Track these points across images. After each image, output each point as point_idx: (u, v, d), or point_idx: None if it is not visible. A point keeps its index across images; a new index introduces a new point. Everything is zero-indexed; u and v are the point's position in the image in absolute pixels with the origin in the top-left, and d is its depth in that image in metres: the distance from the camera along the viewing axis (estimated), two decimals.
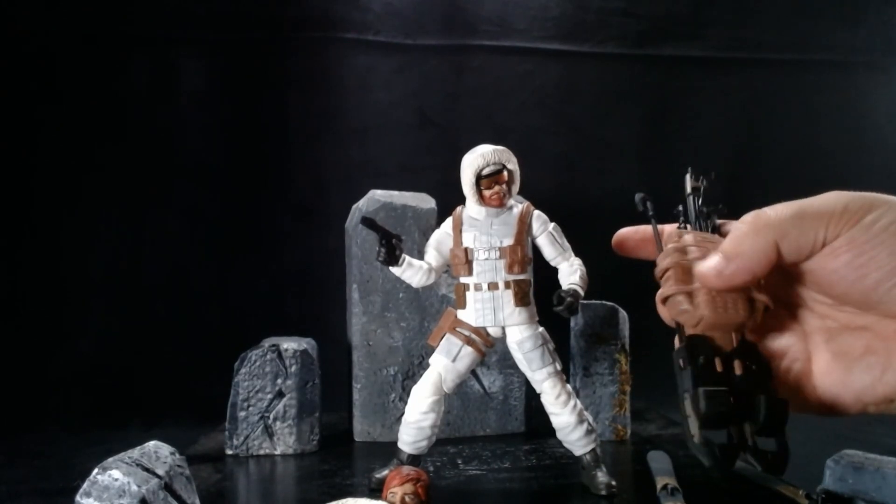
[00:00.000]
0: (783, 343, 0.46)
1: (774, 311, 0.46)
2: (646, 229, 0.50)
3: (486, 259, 0.97)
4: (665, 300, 0.45)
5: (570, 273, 0.98)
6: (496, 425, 1.31)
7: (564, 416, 0.98)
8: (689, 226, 0.49)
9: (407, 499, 0.80)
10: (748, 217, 0.43)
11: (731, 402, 0.40)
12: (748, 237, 0.42)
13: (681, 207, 0.50)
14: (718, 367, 0.42)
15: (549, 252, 0.99)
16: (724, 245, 0.43)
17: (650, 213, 0.50)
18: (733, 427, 0.41)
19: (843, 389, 0.43)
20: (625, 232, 0.51)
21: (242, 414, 1.17)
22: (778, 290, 0.45)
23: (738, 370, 0.42)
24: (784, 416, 0.41)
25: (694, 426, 0.41)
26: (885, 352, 0.42)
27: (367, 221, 0.94)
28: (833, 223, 0.40)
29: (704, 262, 0.43)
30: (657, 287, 0.47)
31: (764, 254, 0.42)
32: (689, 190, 0.50)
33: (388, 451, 1.05)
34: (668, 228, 0.50)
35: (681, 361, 0.42)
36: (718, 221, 0.49)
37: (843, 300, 0.44)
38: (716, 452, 0.40)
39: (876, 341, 0.43)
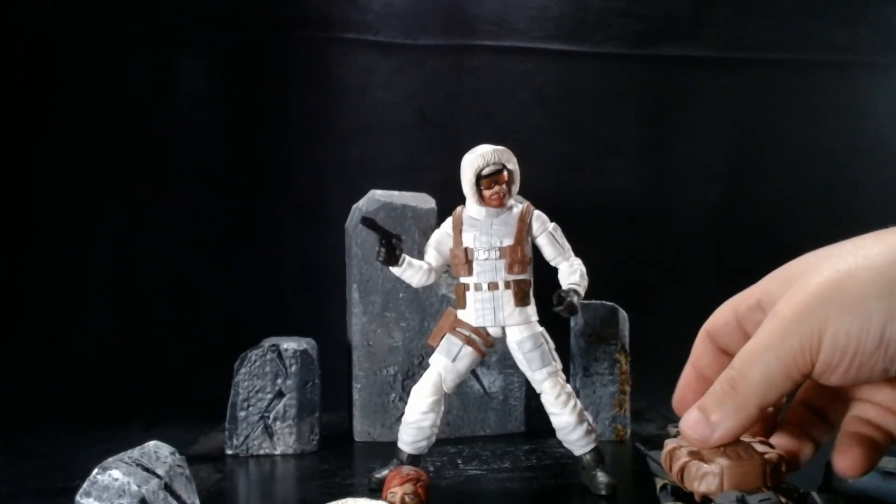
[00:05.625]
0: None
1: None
2: (688, 375, 0.51)
3: (486, 259, 0.96)
4: (681, 476, 0.46)
5: (570, 273, 0.98)
6: (496, 425, 1.31)
7: (564, 416, 0.98)
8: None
9: (407, 499, 0.80)
10: (722, 395, 0.43)
11: None
12: (725, 420, 0.44)
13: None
14: None
15: (548, 252, 0.99)
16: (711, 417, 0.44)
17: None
18: None
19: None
20: (681, 390, 0.51)
21: (242, 414, 1.17)
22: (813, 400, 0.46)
23: None
24: None
25: None
26: None
27: (367, 221, 0.94)
28: (798, 367, 0.40)
29: (689, 419, 0.45)
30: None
31: (744, 422, 0.44)
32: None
33: (388, 451, 1.05)
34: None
35: None
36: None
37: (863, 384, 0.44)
38: None
39: None
